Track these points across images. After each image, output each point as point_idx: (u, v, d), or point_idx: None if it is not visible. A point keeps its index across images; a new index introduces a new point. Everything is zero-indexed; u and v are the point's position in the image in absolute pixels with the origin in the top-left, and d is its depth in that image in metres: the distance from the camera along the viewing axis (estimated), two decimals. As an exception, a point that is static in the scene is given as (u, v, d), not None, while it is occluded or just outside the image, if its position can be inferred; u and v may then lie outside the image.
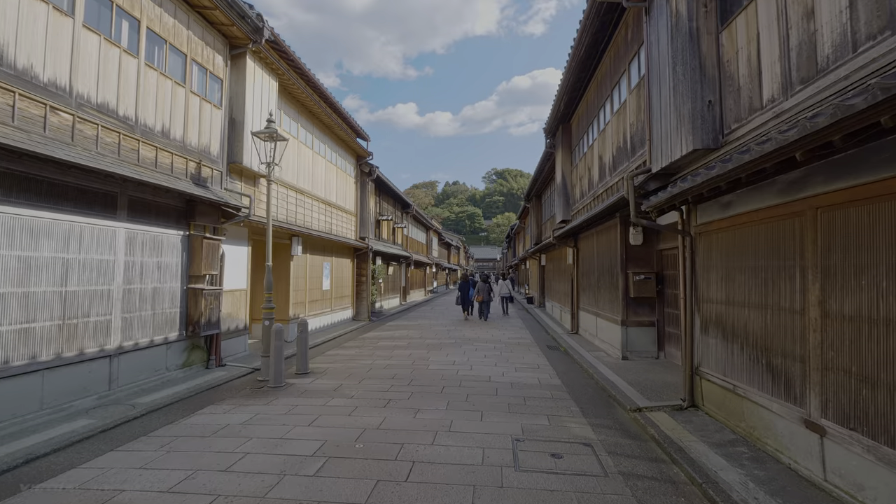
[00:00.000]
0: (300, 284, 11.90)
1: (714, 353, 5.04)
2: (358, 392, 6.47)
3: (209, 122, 7.89)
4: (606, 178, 8.81)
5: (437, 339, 11.84)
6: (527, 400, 6.11)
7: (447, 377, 7.41)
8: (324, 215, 13.25)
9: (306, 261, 12.29)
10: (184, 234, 7.41)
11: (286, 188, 10.87)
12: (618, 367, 7.87)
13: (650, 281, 8.45)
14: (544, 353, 9.87)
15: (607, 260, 9.54)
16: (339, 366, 8.38)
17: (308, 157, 12.18)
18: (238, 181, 8.84)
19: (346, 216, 15.25)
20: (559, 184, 12.81)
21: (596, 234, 10.46)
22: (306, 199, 11.99)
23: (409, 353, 9.70)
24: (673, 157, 5.00)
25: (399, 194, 21.50)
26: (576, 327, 12.49)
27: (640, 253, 8.65)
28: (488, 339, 11.88)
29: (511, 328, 14.30)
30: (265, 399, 6.16)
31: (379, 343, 11.10)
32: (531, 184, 19.23)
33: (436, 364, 8.49)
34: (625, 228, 8.66)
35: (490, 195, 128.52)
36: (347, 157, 15.49)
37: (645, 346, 8.50)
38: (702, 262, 5.32)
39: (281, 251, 11.31)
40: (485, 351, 9.97)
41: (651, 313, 8.57)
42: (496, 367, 8.28)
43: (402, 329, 13.92)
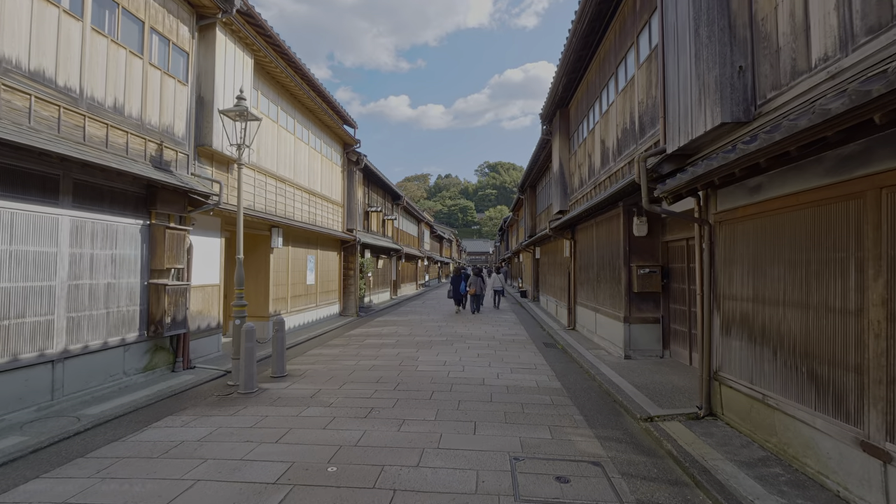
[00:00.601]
0: (281, 279, 11.18)
1: (738, 356, 4.45)
2: (337, 399, 5.81)
3: (172, 99, 7.12)
4: (609, 164, 8.18)
5: (428, 335, 11.20)
6: (525, 407, 5.50)
7: (437, 380, 6.78)
8: (307, 205, 12.50)
9: (288, 254, 11.57)
10: (144, 223, 6.67)
11: (265, 175, 10.11)
12: (621, 367, 7.29)
13: (655, 275, 7.86)
14: (541, 351, 9.28)
15: (608, 252, 8.94)
16: (320, 367, 7.71)
17: (289, 142, 11.41)
18: (208, 166, 8.09)
19: (333, 207, 14.51)
20: (556, 172, 12.18)
21: (595, 225, 9.85)
22: (287, 188, 11.23)
23: (396, 352, 9.05)
24: (694, 133, 4.37)
25: (389, 185, 20.76)
26: (573, 323, 11.93)
27: (645, 245, 8.06)
28: (481, 335, 11.27)
29: (505, 324, 13.72)
30: (232, 408, 5.48)
31: (365, 341, 10.44)
32: (525, 174, 18.59)
33: (425, 365, 7.85)
34: (628, 218, 8.05)
35: (482, 188, 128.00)
36: (333, 144, 14.72)
37: (649, 344, 7.93)
38: (723, 254, 4.71)
39: (260, 243, 10.57)
40: (478, 349, 9.36)
41: (655, 309, 7.99)
42: (490, 367, 7.67)
43: (391, 325, 13.27)
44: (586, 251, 10.79)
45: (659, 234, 8.02)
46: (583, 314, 11.03)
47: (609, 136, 8.17)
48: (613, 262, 8.63)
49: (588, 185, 9.62)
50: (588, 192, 9.65)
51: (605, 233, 9.15)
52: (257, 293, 10.50)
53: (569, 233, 12.16)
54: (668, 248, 7.95)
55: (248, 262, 10.57)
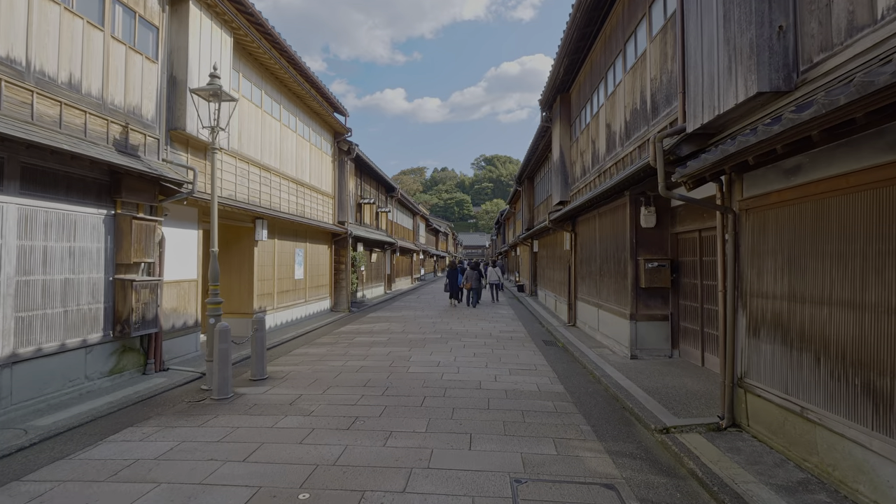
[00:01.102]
0: (267, 273, 10.60)
1: (769, 361, 3.93)
2: (319, 406, 5.27)
3: (139, 77, 6.50)
4: (616, 150, 7.63)
5: (422, 332, 10.68)
6: (526, 415, 4.98)
7: (430, 383, 6.25)
8: (295, 196, 11.90)
9: (274, 247, 10.98)
10: (108, 213, 6.08)
11: (247, 164, 9.50)
12: (628, 368, 6.78)
13: (664, 269, 7.34)
14: (541, 350, 8.77)
15: (613, 245, 8.41)
16: (304, 369, 7.17)
17: (275, 129, 10.78)
18: (183, 152, 7.48)
19: (323, 198, 13.91)
20: (556, 161, 11.62)
21: (599, 217, 9.31)
22: (273, 178, 10.63)
23: (388, 351, 8.52)
24: (722, 107, 3.82)
25: (383, 176, 20.14)
26: (573, 319, 11.42)
27: (653, 237, 7.53)
28: (478, 332, 10.75)
29: (502, 320, 13.20)
30: (201, 417, 4.93)
31: (355, 339, 9.90)
32: (523, 164, 18.02)
33: (418, 365, 7.32)
34: (635, 208, 7.52)
35: (479, 182, 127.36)
36: (323, 133, 14.09)
37: (657, 343, 7.43)
38: (750, 246, 4.18)
39: (243, 236, 9.98)
40: (474, 348, 8.84)
41: (664, 306, 7.48)
42: (487, 368, 7.15)
43: (384, 322, 12.73)
44: (588, 244, 10.26)
45: (668, 226, 7.49)
46: (584, 310, 10.53)
47: (616, 120, 7.61)
48: (618, 256, 8.10)
49: (591, 174, 9.07)
50: (591, 180, 9.10)
51: (610, 224, 8.61)
52: (241, 289, 9.93)
53: (569, 225, 11.62)
54: (678, 240, 7.43)
55: (230, 256, 9.99)
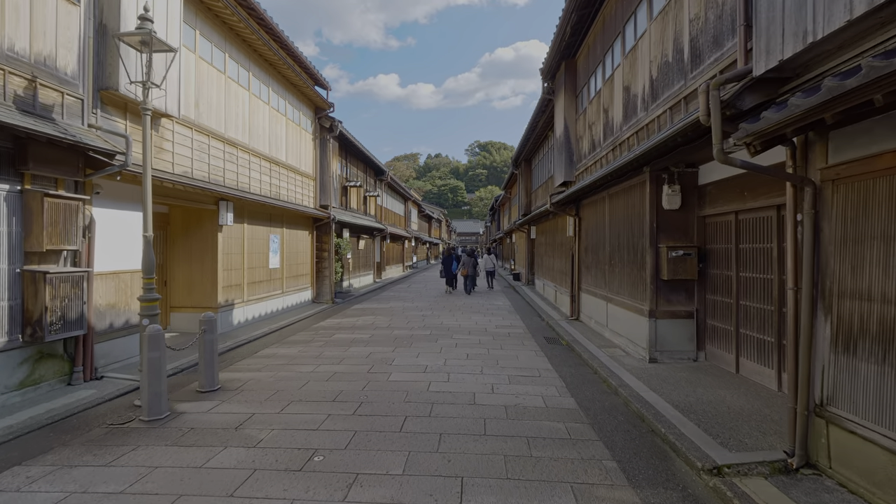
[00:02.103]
0: (234, 262, 9.43)
1: (869, 387, 2.88)
2: (271, 433, 4.18)
3: (53, 21, 5.24)
4: (637, 116, 6.50)
5: (409, 328, 9.60)
6: (533, 445, 3.93)
7: (413, 396, 5.18)
8: (269, 176, 10.68)
9: (243, 232, 9.79)
10: (11, 189, 4.88)
11: (207, 136, 8.26)
12: (648, 375, 5.75)
13: (690, 258, 6.27)
14: (543, 349, 7.72)
15: (627, 230, 7.33)
16: (267, 376, 6.07)
17: (242, 99, 9.52)
18: (119, 118, 6.25)
19: (302, 180, 12.68)
20: (559, 138, 10.46)
21: (610, 198, 8.21)
22: (241, 154, 9.39)
23: (368, 352, 7.43)
24: (815, 33, 2.70)
25: (370, 158, 18.87)
26: (576, 312, 10.39)
27: (677, 221, 6.45)
28: (472, 328, 9.69)
29: (498, 312, 12.15)
30: (116, 449, 3.83)
31: (334, 336, 8.81)
32: (520, 145, 16.83)
33: (401, 371, 6.24)
34: (656, 188, 6.42)
35: (473, 168, 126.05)
36: (302, 107, 12.80)
37: (679, 344, 6.40)
38: (839, 229, 3.10)
39: (205, 220, 8.78)
40: (467, 347, 7.77)
41: (688, 301, 6.43)
42: (482, 375, 6.08)
43: (369, 314, 11.64)
44: (595, 230, 9.17)
45: (694, 208, 6.41)
46: (589, 303, 9.48)
47: (637, 81, 6.45)
48: (635, 243, 7.02)
49: (603, 148, 7.93)
50: (603, 156, 7.97)
51: (624, 207, 7.51)
52: (203, 280, 8.77)
53: (573, 209, 10.52)
54: (706, 224, 6.36)
55: (190, 243, 8.81)
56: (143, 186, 5.05)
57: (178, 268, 8.84)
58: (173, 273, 8.84)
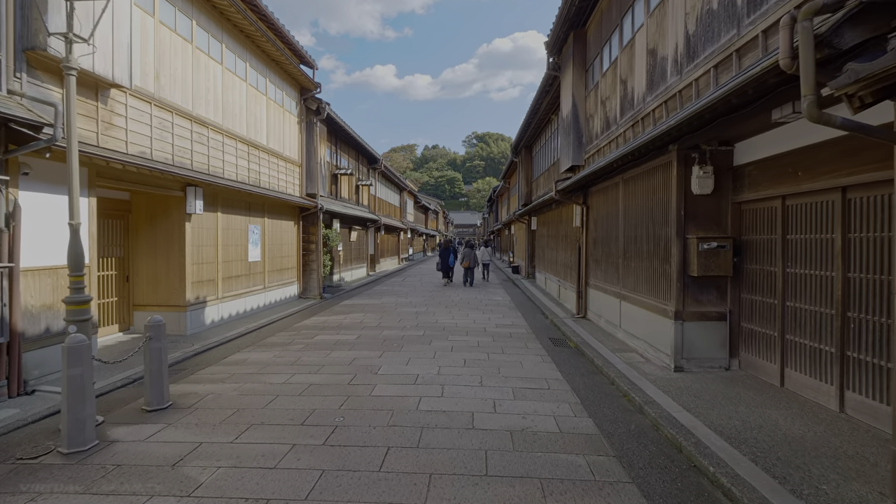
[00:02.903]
0: (207, 255, 8.51)
1: None
2: (215, 473, 3.30)
3: (-44, -41, 4.27)
4: (668, 83, 5.59)
5: (401, 327, 8.73)
6: (548, 490, 3.06)
7: (399, 418, 4.31)
8: (247, 161, 9.73)
9: (217, 222, 8.85)
10: None
11: (170, 112, 7.30)
12: (676, 387, 4.91)
13: (724, 251, 5.40)
14: (549, 353, 6.86)
15: (648, 219, 6.45)
16: (231, 388, 5.18)
17: (214, 73, 8.54)
18: (52, 85, 5.28)
19: (286, 166, 11.73)
20: (567, 119, 9.54)
21: (625, 184, 7.31)
22: (213, 135, 8.43)
23: (352, 357, 6.56)
24: None
25: (362, 144, 17.86)
26: (583, 309, 9.54)
27: (708, 207, 5.57)
28: (469, 327, 8.82)
29: (498, 309, 11.29)
30: (10, 498, 2.95)
31: (317, 337, 7.92)
32: (521, 130, 15.87)
33: (387, 384, 5.37)
34: (684, 169, 5.53)
35: (470, 159, 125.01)
36: (285, 87, 11.80)
37: (709, 350, 5.55)
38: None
39: (171, 208, 7.85)
40: (464, 351, 6.91)
41: (720, 301, 5.57)
42: (482, 388, 5.22)
43: (359, 311, 10.75)
44: (607, 219, 8.28)
45: (728, 193, 5.53)
46: (599, 300, 8.63)
47: (667, 40, 5.53)
48: (657, 233, 6.15)
49: (620, 125, 7.02)
50: (619, 134, 7.07)
51: (644, 192, 6.62)
52: (169, 275, 7.85)
53: (580, 196, 9.62)
54: (742, 212, 5.48)
55: (155, 234, 7.88)
56: (67, 163, 4.13)
57: (141, 262, 7.92)
58: (137, 267, 7.93)
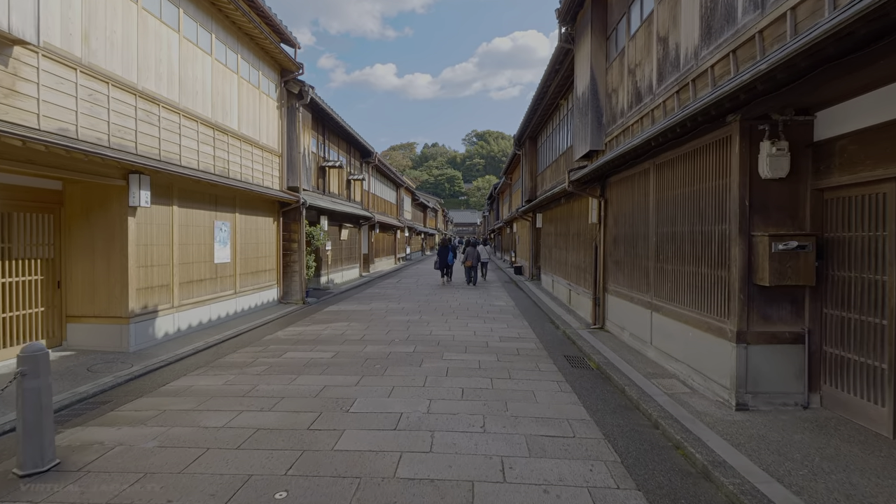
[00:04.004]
0: (158, 256, 7.21)
1: None
2: None
3: None
4: (736, 26, 4.30)
5: (388, 341, 7.44)
6: None
7: (367, 493, 3.01)
8: (212, 147, 8.42)
9: (172, 217, 7.55)
10: None
11: (105, 83, 5.99)
12: (748, 437, 3.62)
13: (805, 254, 4.10)
14: (567, 377, 5.57)
15: (693, 211, 5.15)
16: (151, 434, 3.89)
17: (168, 42, 7.22)
18: (-85, 32, 3.99)
19: (263, 155, 10.42)
20: (582, 97, 8.24)
21: (658, 170, 6.01)
22: (166, 115, 7.12)
23: (322, 384, 5.26)
24: None
25: (353, 135, 16.54)
26: (600, 319, 8.25)
27: (780, 196, 4.27)
28: (469, 341, 7.53)
29: (501, 316, 9.99)
30: None
31: (286, 354, 6.63)
32: (525, 119, 14.56)
33: (358, 428, 4.08)
34: (748, 146, 4.24)
35: (470, 157, 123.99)
36: (262, 66, 10.48)
37: (782, 382, 4.26)
38: None
39: (111, 199, 6.56)
40: (462, 376, 5.62)
41: (795, 317, 4.28)
42: (485, 435, 3.92)
43: (342, 320, 9.46)
44: (632, 213, 6.98)
45: (806, 176, 4.24)
46: (621, 309, 7.33)
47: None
48: (705, 230, 4.85)
49: (659, 94, 5.72)
50: (657, 106, 5.77)
51: (685, 178, 5.32)
52: (109, 280, 6.56)
53: (597, 188, 8.32)
54: (826, 201, 4.19)
55: (92, 232, 6.60)
56: None
57: (77, 264, 6.62)
58: (71, 271, 6.63)
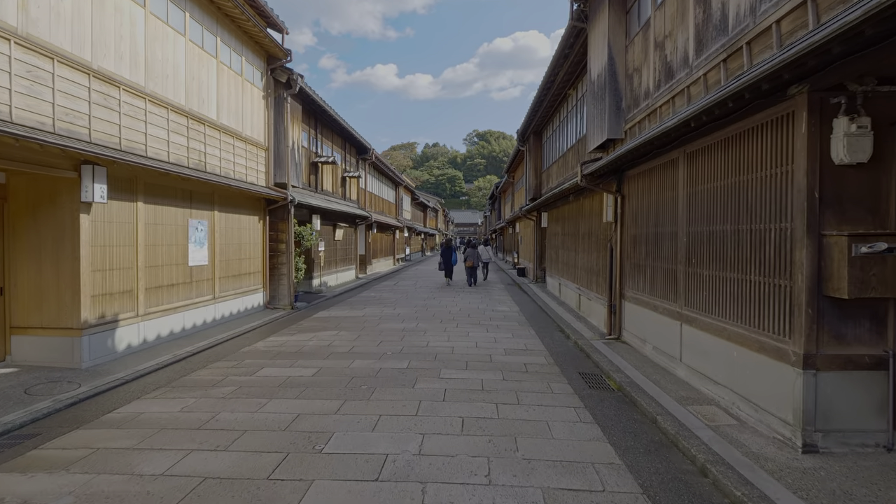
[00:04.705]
0: (119, 259, 6.39)
1: None
2: None
3: None
4: None
5: (379, 355, 6.61)
6: None
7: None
8: (185, 137, 7.60)
9: (136, 214, 6.72)
10: None
11: (47, 58, 5.17)
12: (829, 494, 2.80)
13: (895, 258, 3.27)
14: (585, 402, 4.73)
15: (739, 206, 4.29)
16: (68, 485, 3.05)
17: (131, 17, 6.39)
18: None
19: (248, 148, 9.60)
20: (599, 80, 7.41)
21: (686, 160, 5.17)
22: (128, 98, 6.30)
23: (296, 411, 4.43)
24: None
25: (348, 129, 15.72)
26: (616, 328, 7.41)
27: (859, 187, 3.44)
28: (470, 354, 6.69)
29: (505, 325, 9.16)
30: None
31: (260, 371, 5.80)
32: (531, 111, 13.71)
33: (330, 477, 3.24)
34: (818, 124, 3.40)
35: (471, 157, 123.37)
36: (246, 52, 9.66)
37: (859, 417, 3.42)
38: None
39: (60, 194, 5.74)
40: (462, 401, 4.77)
41: (876, 338, 3.44)
42: (491, 489, 3.08)
43: (332, 328, 8.63)
44: (655, 209, 6.14)
45: (891, 163, 3.40)
46: (642, 319, 6.50)
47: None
48: (756, 228, 4.00)
49: (697, 66, 4.87)
50: (694, 81, 4.93)
51: (727, 167, 4.48)
52: (59, 286, 5.74)
53: (612, 183, 7.49)
54: (916, 192, 3.35)
55: (36, 231, 5.78)
56: None
57: (22, 268, 5.80)
58: (15, 275, 5.81)
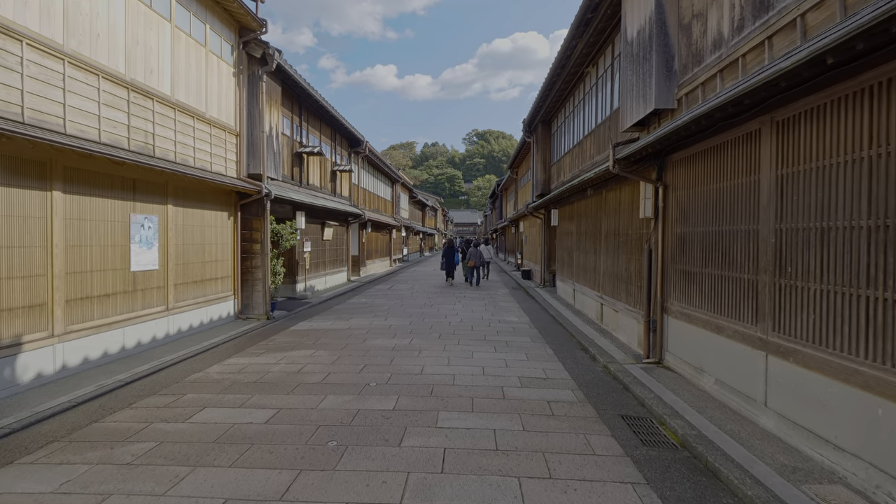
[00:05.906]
0: (25, 264, 4.95)
1: None
2: None
3: None
4: None
5: (360, 386, 5.19)
6: None
7: None
8: (125, 114, 6.17)
9: (51, 207, 5.28)
10: None
11: None
12: None
13: None
14: (643, 472, 3.31)
15: (892, 192, 2.86)
16: None
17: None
18: None
19: (213, 132, 8.17)
20: (640, 36, 6.00)
21: (776, 130, 3.74)
22: (35, 57, 4.86)
23: (224, 492, 3.00)
24: None
25: (338, 118, 14.28)
26: (656, 350, 6.00)
27: None
28: (476, 387, 5.27)
29: (516, 341, 7.73)
30: None
31: (198, 415, 4.38)
32: (540, 96, 12.27)
33: None
34: None
35: (471, 157, 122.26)
36: (212, 20, 8.23)
37: None
38: None
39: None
40: (468, 469, 3.36)
41: None
42: None
43: (307, 345, 7.20)
44: (717, 201, 4.71)
45: None
46: (698, 342, 5.08)
47: None
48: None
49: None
50: (810, 8, 3.49)
51: (861, 135, 3.04)
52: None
53: (651, 170, 6.08)
54: None
55: None
56: None
57: None
58: None
